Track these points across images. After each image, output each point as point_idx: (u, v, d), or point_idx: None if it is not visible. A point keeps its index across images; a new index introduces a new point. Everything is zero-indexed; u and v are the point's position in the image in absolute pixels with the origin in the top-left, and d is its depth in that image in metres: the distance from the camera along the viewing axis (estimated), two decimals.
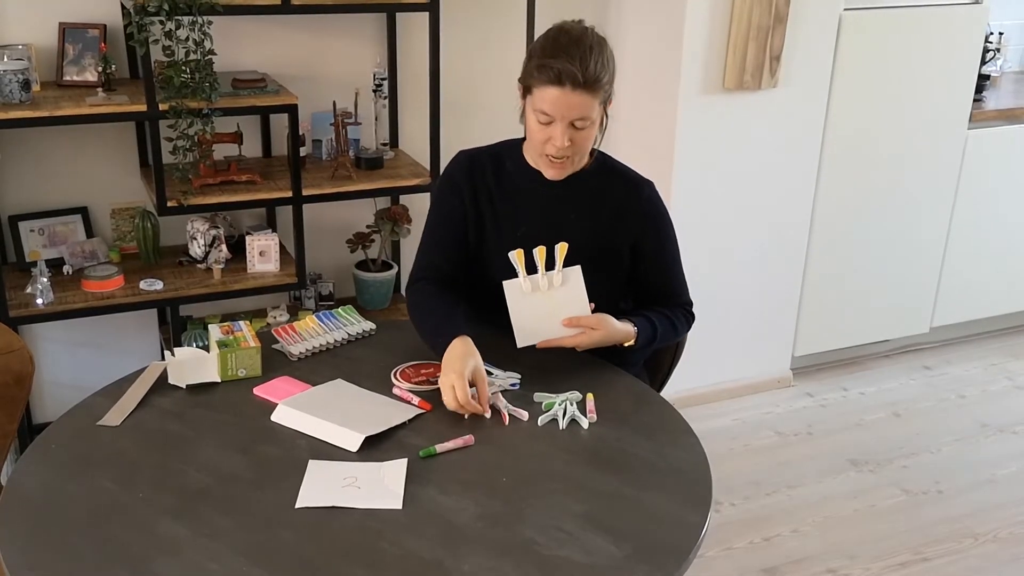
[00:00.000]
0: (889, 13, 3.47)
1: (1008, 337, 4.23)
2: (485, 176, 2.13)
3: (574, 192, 2.10)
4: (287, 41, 3.18)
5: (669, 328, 2.13)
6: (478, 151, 2.18)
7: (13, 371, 2.07)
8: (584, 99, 1.92)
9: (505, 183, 2.12)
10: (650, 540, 1.51)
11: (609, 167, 2.15)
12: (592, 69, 1.91)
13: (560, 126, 1.94)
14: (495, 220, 2.11)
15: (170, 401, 1.86)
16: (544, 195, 2.10)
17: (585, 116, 1.94)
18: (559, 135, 1.95)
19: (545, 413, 1.82)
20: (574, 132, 1.96)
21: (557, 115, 1.93)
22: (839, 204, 3.62)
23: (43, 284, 2.80)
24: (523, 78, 2.00)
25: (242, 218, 3.27)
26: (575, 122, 1.94)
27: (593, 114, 1.95)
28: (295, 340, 2.07)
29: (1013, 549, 2.89)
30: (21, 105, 2.64)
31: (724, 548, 2.86)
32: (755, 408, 3.63)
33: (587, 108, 1.93)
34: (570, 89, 1.90)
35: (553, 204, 2.10)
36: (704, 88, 3.23)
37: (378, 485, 1.61)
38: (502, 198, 2.12)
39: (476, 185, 2.13)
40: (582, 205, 2.10)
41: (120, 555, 1.45)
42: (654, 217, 2.14)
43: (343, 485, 1.61)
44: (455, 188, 2.14)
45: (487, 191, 2.13)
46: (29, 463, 1.67)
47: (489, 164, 2.14)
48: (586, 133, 1.98)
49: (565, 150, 1.97)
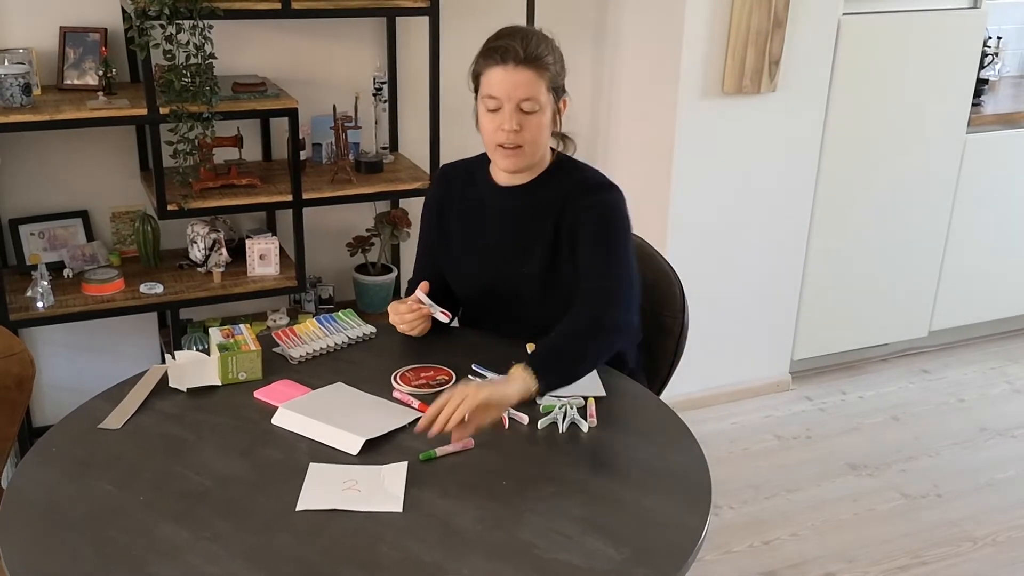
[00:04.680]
0: (888, 18, 3.48)
1: (1007, 341, 4.23)
2: (454, 190, 2.16)
3: (527, 200, 2.07)
4: (287, 45, 3.18)
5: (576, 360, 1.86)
6: (455, 165, 2.21)
7: (13, 374, 2.07)
8: (528, 76, 1.93)
9: (471, 196, 2.13)
10: (649, 544, 1.51)
11: (566, 172, 2.08)
12: (533, 46, 1.94)
13: (508, 108, 1.94)
14: (460, 234, 2.13)
15: (171, 404, 1.87)
16: (504, 207, 2.08)
17: (531, 96, 1.94)
18: (507, 118, 1.94)
19: (545, 417, 1.83)
20: (523, 116, 1.95)
21: (504, 95, 1.94)
22: (838, 208, 3.63)
23: (43, 287, 2.80)
24: (472, 74, 2.02)
25: (242, 222, 3.27)
26: (522, 105, 1.94)
27: (541, 97, 1.95)
28: (295, 343, 2.08)
29: (1012, 553, 2.89)
30: (22, 109, 2.65)
31: (723, 552, 2.86)
32: (754, 412, 3.64)
33: (533, 88, 1.93)
34: (513, 66, 1.92)
35: (513, 216, 2.07)
36: (703, 92, 3.24)
37: (378, 488, 1.62)
38: (467, 211, 2.13)
39: (444, 200, 2.17)
40: (541, 215, 2.05)
41: (120, 558, 1.45)
42: (595, 221, 2.00)
43: (343, 488, 1.62)
44: (429, 203, 2.21)
45: (453, 206, 2.15)
46: (30, 466, 1.68)
47: (461, 177, 2.17)
48: (536, 119, 1.96)
49: (516, 137, 1.95)
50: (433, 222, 2.18)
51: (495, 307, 2.15)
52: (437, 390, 1.91)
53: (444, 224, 2.16)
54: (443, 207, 2.17)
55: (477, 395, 1.67)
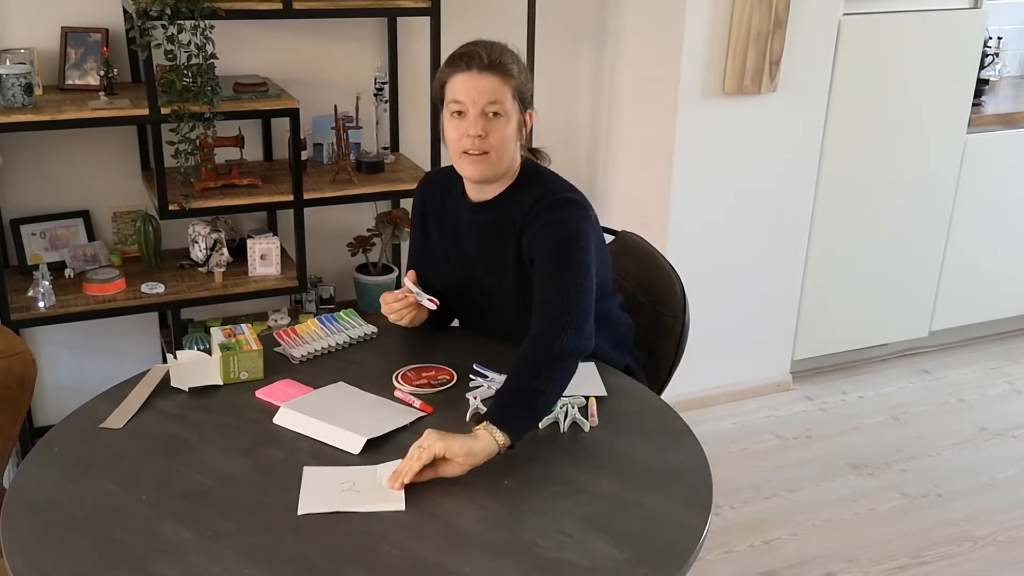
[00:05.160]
0: (888, 18, 3.48)
1: (1007, 341, 4.23)
2: (434, 199, 2.15)
3: (490, 217, 2.04)
4: (288, 45, 3.19)
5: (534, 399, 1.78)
6: (437, 173, 2.21)
7: (15, 374, 2.07)
8: (492, 82, 1.92)
9: (448, 207, 2.11)
10: (651, 543, 1.52)
11: (531, 185, 2.02)
12: (498, 54, 1.93)
13: (473, 113, 1.92)
14: (439, 243, 2.13)
15: (172, 404, 1.87)
16: (475, 223, 2.05)
17: (496, 101, 1.92)
18: (472, 123, 1.92)
19: (546, 416, 1.83)
20: (488, 122, 1.92)
21: (468, 100, 1.92)
22: (838, 208, 3.63)
23: (45, 287, 2.81)
24: (437, 84, 2.00)
25: (243, 221, 3.28)
26: (487, 109, 1.92)
27: (507, 103, 1.93)
28: (297, 343, 2.08)
29: (1012, 552, 2.89)
30: (23, 109, 2.65)
31: (724, 551, 2.86)
32: (755, 412, 3.64)
33: (497, 92, 1.92)
34: (476, 72, 1.91)
35: (483, 232, 2.05)
36: (704, 93, 3.24)
37: (377, 487, 1.62)
38: (446, 223, 2.11)
39: (425, 209, 2.17)
40: (505, 233, 2.01)
41: (122, 557, 1.45)
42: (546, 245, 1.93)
43: (342, 490, 1.62)
44: (413, 209, 2.22)
45: (434, 215, 2.15)
46: (31, 466, 1.68)
47: (440, 188, 2.15)
48: (501, 125, 1.93)
49: (481, 143, 1.93)
50: (418, 228, 2.19)
51: (478, 315, 2.17)
52: (438, 390, 1.92)
53: (427, 231, 2.16)
54: (425, 215, 2.17)
55: (433, 447, 1.61)
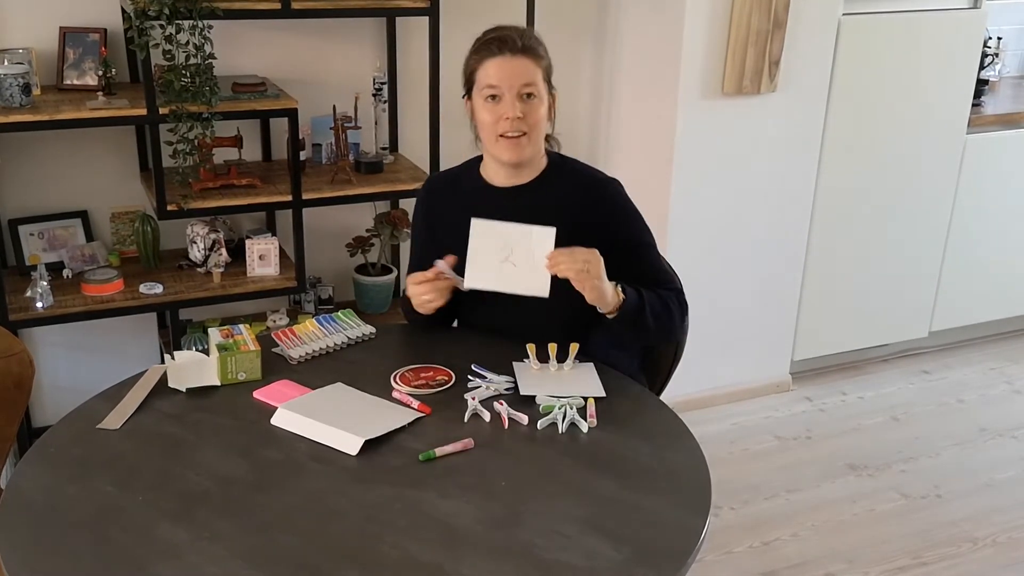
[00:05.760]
0: (888, 18, 3.48)
1: (1007, 341, 4.23)
2: (442, 198, 2.17)
3: (533, 200, 2.07)
4: (287, 45, 3.18)
5: (656, 300, 2.03)
6: (439, 177, 2.25)
7: (13, 374, 2.07)
8: (526, 64, 1.97)
9: (460, 204, 2.11)
10: (649, 544, 1.51)
11: (568, 169, 2.13)
12: (528, 36, 1.98)
13: (509, 97, 1.98)
14: (453, 243, 2.05)
15: (170, 404, 1.86)
16: (503, 206, 2.05)
17: (531, 82, 1.98)
18: (509, 106, 1.98)
19: (545, 417, 1.83)
20: (524, 103, 1.98)
21: (504, 84, 1.97)
22: (838, 209, 3.63)
23: (43, 288, 2.80)
24: (465, 75, 2.04)
25: (242, 222, 3.27)
26: (522, 92, 1.97)
27: (539, 85, 1.99)
28: (295, 344, 2.07)
29: (1012, 553, 2.89)
30: (21, 109, 2.65)
31: (723, 552, 2.86)
32: (754, 412, 3.63)
33: (531, 74, 1.98)
34: (510, 55, 1.97)
35: (512, 214, 2.04)
36: (703, 93, 3.23)
37: (531, 263, 1.88)
38: (458, 220, 2.06)
39: (430, 214, 2.19)
40: (542, 212, 2.03)
41: (120, 558, 1.45)
42: (622, 213, 2.10)
43: (501, 260, 1.90)
44: (416, 216, 2.24)
45: (442, 213, 2.16)
46: (29, 467, 1.68)
47: (446, 186, 2.19)
48: (535, 106, 1.99)
49: (519, 124, 1.98)
50: (425, 237, 2.19)
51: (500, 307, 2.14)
52: (436, 390, 1.91)
53: (438, 239, 2.13)
54: (431, 223, 2.18)
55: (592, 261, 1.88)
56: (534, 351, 1.99)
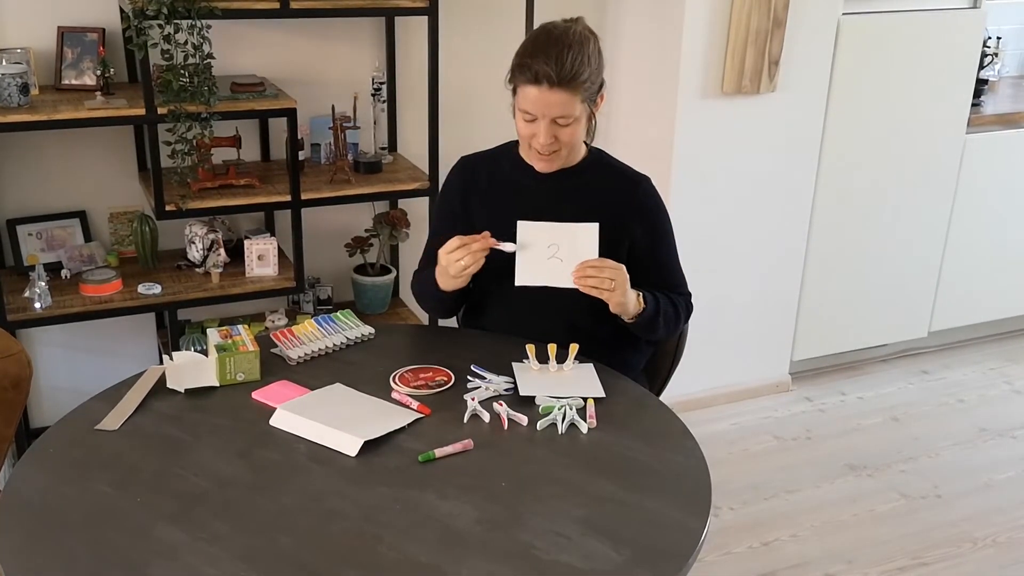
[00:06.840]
0: (887, 18, 3.47)
1: (1006, 341, 4.23)
2: (478, 178, 2.18)
3: (569, 187, 2.12)
4: (286, 45, 3.18)
5: (669, 306, 2.12)
6: (476, 155, 2.24)
7: (11, 375, 2.07)
8: (562, 97, 1.96)
9: (499, 181, 2.16)
10: (649, 545, 1.51)
11: (605, 163, 2.18)
12: (568, 67, 1.95)
13: (543, 123, 1.99)
14: (489, 219, 2.10)
15: (168, 405, 1.86)
16: (539, 190, 2.12)
17: (566, 114, 1.98)
18: (542, 132, 2.00)
19: (544, 418, 1.82)
20: (557, 129, 2.01)
21: (538, 113, 1.98)
22: (837, 209, 3.62)
23: (41, 288, 2.80)
24: (509, 77, 2.05)
25: (240, 222, 3.27)
26: (557, 120, 1.99)
27: (575, 111, 1.99)
28: (294, 344, 2.07)
29: (1012, 553, 2.88)
30: (19, 109, 2.64)
31: (723, 552, 2.85)
32: (754, 412, 3.63)
33: (567, 106, 1.97)
34: (547, 88, 1.95)
35: (548, 199, 2.11)
36: (703, 92, 3.23)
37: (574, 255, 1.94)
38: (496, 196, 2.15)
39: (468, 188, 2.18)
40: (577, 200, 2.11)
41: (117, 559, 1.44)
42: (651, 212, 2.16)
43: (548, 256, 1.94)
44: (448, 192, 2.23)
45: (478, 192, 2.17)
46: (27, 467, 1.67)
47: (484, 166, 2.20)
48: (570, 130, 2.02)
49: (550, 146, 2.02)
50: (456, 210, 2.18)
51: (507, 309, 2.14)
52: (436, 391, 1.91)
53: (469, 210, 2.16)
54: (467, 194, 2.18)
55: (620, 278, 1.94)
56: (534, 351, 1.99)
